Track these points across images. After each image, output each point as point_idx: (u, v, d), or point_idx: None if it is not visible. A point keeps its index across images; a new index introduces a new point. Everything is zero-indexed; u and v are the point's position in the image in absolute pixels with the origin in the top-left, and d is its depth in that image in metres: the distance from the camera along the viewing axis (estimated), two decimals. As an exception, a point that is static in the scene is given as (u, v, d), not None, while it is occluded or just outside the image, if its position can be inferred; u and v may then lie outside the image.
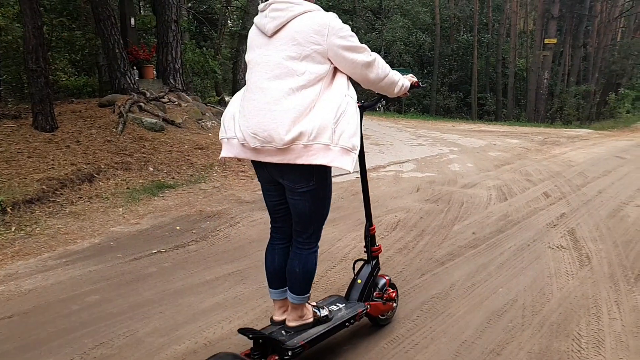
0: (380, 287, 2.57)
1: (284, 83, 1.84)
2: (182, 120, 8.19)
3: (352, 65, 1.93)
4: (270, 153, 1.87)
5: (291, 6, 1.86)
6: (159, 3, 9.70)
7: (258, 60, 1.93)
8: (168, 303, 2.95)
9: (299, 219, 2.08)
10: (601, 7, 24.66)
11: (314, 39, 1.84)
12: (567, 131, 16.08)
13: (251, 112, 1.88)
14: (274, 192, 2.13)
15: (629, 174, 7.38)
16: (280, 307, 2.23)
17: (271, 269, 2.23)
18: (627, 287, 3.19)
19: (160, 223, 4.61)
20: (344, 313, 2.30)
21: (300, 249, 2.13)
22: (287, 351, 1.97)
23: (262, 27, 1.92)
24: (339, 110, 1.84)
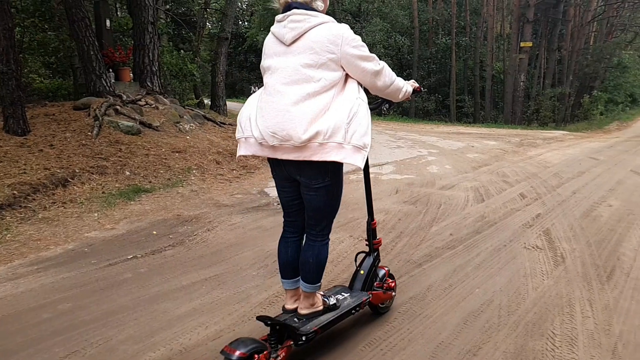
0: (380, 278, 2.76)
1: (301, 88, 1.99)
2: (160, 124, 8.09)
3: (363, 73, 2.10)
4: (287, 151, 2.02)
5: (308, 18, 2.02)
6: (135, 5, 9.58)
7: (277, 66, 2.08)
8: (143, 309, 2.90)
9: (313, 213, 2.24)
10: (574, 12, 25.21)
11: (329, 48, 2.00)
12: (543, 133, 16.39)
13: (270, 113, 2.03)
14: (289, 188, 2.28)
15: (601, 175, 7.54)
16: (292, 296, 2.39)
17: (284, 260, 2.38)
18: (600, 285, 3.25)
19: (137, 228, 4.54)
20: (349, 301, 2.48)
21: (313, 241, 2.29)
22: (301, 336, 2.15)
23: (281, 36, 2.07)
24: (351, 112, 2.00)
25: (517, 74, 22.16)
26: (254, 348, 1.98)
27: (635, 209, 5.34)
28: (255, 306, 2.94)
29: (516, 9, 22.69)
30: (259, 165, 7.88)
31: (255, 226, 4.61)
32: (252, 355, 1.96)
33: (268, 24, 31.46)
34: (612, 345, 2.49)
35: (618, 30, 28.72)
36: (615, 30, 28.46)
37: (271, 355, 2.07)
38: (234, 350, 1.93)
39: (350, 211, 5.18)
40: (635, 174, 7.65)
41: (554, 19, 24.35)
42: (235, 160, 7.77)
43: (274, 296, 3.08)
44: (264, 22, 32.44)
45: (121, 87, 9.01)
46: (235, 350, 1.93)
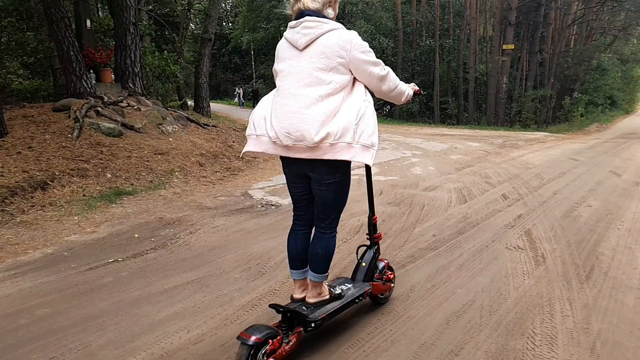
0: (380, 270, 2.91)
1: (313, 91, 2.13)
2: (142, 125, 8.01)
3: (370, 77, 2.25)
4: (300, 150, 2.16)
5: (320, 24, 2.15)
6: (116, 5, 9.47)
7: (290, 70, 2.21)
8: (124, 314, 2.86)
9: (323, 207, 2.38)
10: (555, 15, 25.63)
11: (339, 53, 2.14)
12: (525, 134, 16.61)
13: (284, 115, 2.16)
14: (300, 184, 2.42)
15: (582, 176, 7.67)
16: (300, 286, 2.53)
17: (294, 252, 2.51)
18: (579, 284, 3.30)
19: (118, 231, 4.47)
20: (353, 291, 2.64)
21: (322, 233, 2.43)
22: (310, 323, 2.30)
23: (294, 41, 2.19)
24: (359, 113, 2.15)
25: (500, 76, 22.44)
26: (268, 334, 2.10)
27: (613, 209, 5.43)
28: (237, 309, 2.91)
29: (498, 12, 22.98)
30: (243, 167, 7.85)
31: (238, 229, 4.58)
32: (267, 340, 2.09)
33: (252, 25, 31.50)
34: (590, 344, 2.52)
35: (597, 34, 29.29)
36: (595, 34, 29.03)
37: (283, 341, 2.19)
38: (250, 336, 2.05)
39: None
40: (614, 175, 7.79)
41: (535, 22, 24.72)
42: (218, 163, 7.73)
43: (257, 299, 3.06)
44: (248, 24, 32.46)
45: (102, 88, 8.89)
46: (251, 336, 2.05)
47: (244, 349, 2.04)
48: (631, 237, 4.39)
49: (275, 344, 2.12)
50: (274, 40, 31.25)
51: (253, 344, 2.04)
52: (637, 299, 3.10)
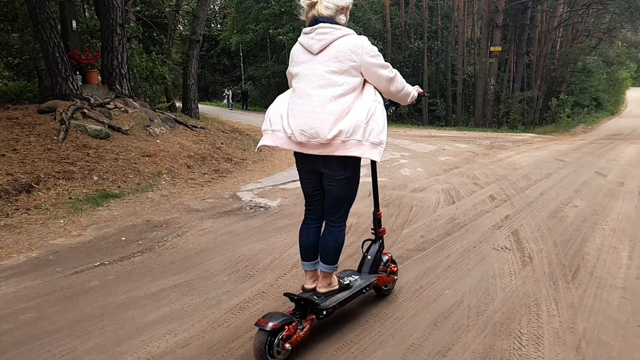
0: (384, 262, 3.06)
1: (327, 92, 2.29)
2: (129, 127, 7.94)
3: (379, 79, 2.41)
4: (313, 147, 2.30)
5: (333, 30, 2.32)
6: (102, 6, 9.38)
7: (305, 72, 2.37)
8: (110, 318, 2.83)
9: (334, 202, 2.53)
10: (541, 18, 25.91)
11: (351, 57, 2.30)
12: (512, 135, 16.75)
13: (300, 113, 2.31)
14: (312, 180, 2.57)
15: (568, 176, 7.75)
16: (311, 277, 2.67)
17: (305, 244, 2.66)
18: (565, 284, 3.33)
19: (105, 234, 4.43)
20: (360, 282, 2.79)
21: (332, 226, 2.58)
22: (322, 311, 2.46)
23: (309, 46, 2.36)
24: (369, 112, 2.30)
25: (488, 78, 22.62)
26: (284, 320, 2.28)
27: (599, 209, 5.50)
28: (225, 312, 2.90)
29: (486, 14, 23.17)
30: (231, 169, 7.82)
31: (226, 231, 4.56)
32: (283, 326, 2.25)
33: (241, 27, 31.40)
34: (576, 343, 2.54)
35: (583, 36, 29.64)
36: (580, 36, 29.38)
37: (298, 327, 2.35)
38: (267, 322, 2.22)
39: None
40: (600, 176, 7.89)
41: (522, 25, 24.95)
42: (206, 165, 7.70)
43: (245, 302, 3.05)
44: (237, 25, 32.35)
45: (89, 90, 8.81)
46: (268, 322, 2.21)
47: (262, 335, 2.20)
48: (616, 237, 4.44)
49: (291, 330, 2.29)
50: (262, 42, 31.29)
51: (270, 329, 2.20)
52: (622, 298, 3.13)
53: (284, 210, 5.38)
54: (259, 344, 2.19)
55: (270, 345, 2.22)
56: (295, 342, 2.33)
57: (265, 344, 2.19)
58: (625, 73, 41.05)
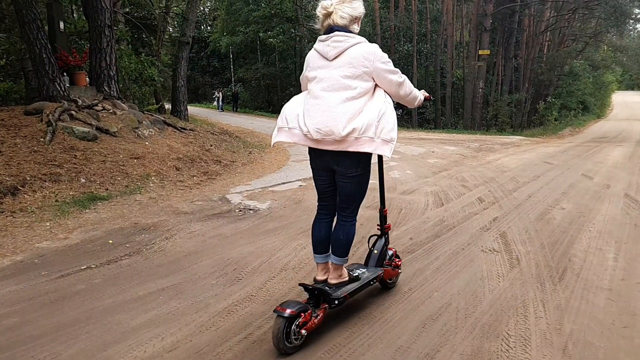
0: (389, 257, 3.24)
1: (341, 94, 2.46)
2: (117, 129, 7.88)
3: (390, 84, 2.57)
4: (328, 143, 2.47)
5: (347, 39, 2.50)
6: (91, 7, 9.31)
7: (321, 76, 2.53)
8: (96, 322, 2.80)
9: (346, 198, 2.70)
10: (529, 22, 26.19)
11: (363, 63, 2.48)
12: (501, 138, 16.88)
13: (316, 113, 2.48)
14: (325, 177, 2.73)
15: (555, 179, 7.82)
16: (322, 269, 2.83)
17: (317, 238, 2.80)
18: (552, 286, 3.35)
19: (92, 237, 4.38)
20: (368, 275, 2.96)
21: (344, 221, 2.75)
22: (334, 300, 2.64)
23: (325, 53, 2.54)
24: (380, 112, 2.46)
25: (476, 81, 22.79)
26: (300, 308, 2.44)
27: (585, 211, 5.55)
28: (213, 315, 2.88)
29: (474, 18, 23.35)
30: (221, 171, 7.79)
31: (215, 234, 4.53)
32: (299, 313, 2.42)
33: (231, 29, 31.31)
34: (563, 344, 2.56)
35: (569, 40, 30.01)
36: (567, 40, 29.74)
37: (313, 314, 2.53)
38: (285, 309, 2.39)
39: (313, 217, 5.16)
40: (586, 178, 7.97)
41: (510, 28, 25.18)
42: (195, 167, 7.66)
43: (233, 305, 3.03)
44: (227, 27, 32.26)
45: (76, 91, 8.73)
46: (286, 309, 2.39)
47: (280, 321, 2.37)
48: (602, 239, 4.49)
49: (307, 317, 2.47)
50: (252, 44, 31.25)
51: (288, 316, 2.37)
52: (607, 299, 3.16)
53: (273, 212, 5.36)
54: (277, 330, 2.36)
55: (288, 331, 2.39)
56: (310, 329, 2.50)
57: (283, 329, 2.36)
58: (611, 77, 41.63)
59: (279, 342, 2.37)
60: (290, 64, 31.12)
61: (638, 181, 7.73)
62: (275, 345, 2.39)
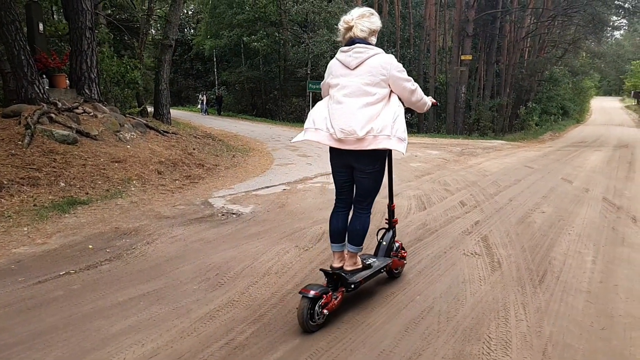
0: (396, 249, 3.54)
1: (361, 100, 2.78)
2: (98, 132, 7.77)
3: (404, 90, 2.89)
4: (349, 142, 2.78)
5: (367, 50, 2.81)
6: (71, 9, 9.17)
7: (343, 84, 2.84)
8: (74, 328, 2.74)
9: (362, 192, 3.00)
10: (510, 28, 26.58)
11: (381, 72, 2.79)
12: (482, 142, 17.07)
13: (340, 116, 2.79)
14: (344, 173, 3.03)
15: (536, 182, 7.94)
16: (338, 257, 3.11)
17: (335, 228, 3.09)
18: (533, 289, 3.39)
19: (71, 242, 4.31)
20: (378, 264, 3.25)
21: (360, 213, 3.05)
22: (351, 284, 2.93)
23: (347, 63, 2.84)
24: (394, 114, 2.80)
25: (459, 86, 23.03)
26: (322, 290, 2.75)
27: (565, 215, 5.64)
28: (195, 321, 2.85)
29: (456, 24, 23.63)
30: (203, 175, 7.73)
31: (197, 238, 4.49)
32: (322, 295, 2.72)
33: (214, 32, 31.14)
34: (542, 347, 2.59)
35: (549, 46, 30.55)
36: (547, 46, 30.27)
37: (333, 296, 2.81)
38: (309, 291, 2.68)
39: (297, 221, 5.16)
40: (566, 182, 8.10)
41: (491, 34, 25.54)
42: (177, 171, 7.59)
43: (215, 310, 3.00)
44: (211, 30, 32.10)
45: (56, 94, 8.59)
46: (310, 291, 2.68)
47: (305, 301, 2.64)
48: (581, 242, 4.57)
49: (328, 299, 2.76)
50: (236, 48, 31.12)
51: (312, 296, 2.66)
52: (586, 301, 3.21)
53: (256, 216, 5.34)
54: (302, 309, 2.63)
55: (312, 310, 2.66)
56: (331, 309, 2.79)
57: (308, 310, 2.63)
58: (589, 82, 42.44)
59: (305, 321, 2.64)
60: (275, 67, 31.08)
61: (616, 185, 7.89)
62: (301, 325, 2.66)
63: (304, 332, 2.69)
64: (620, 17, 29.61)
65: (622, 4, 26.34)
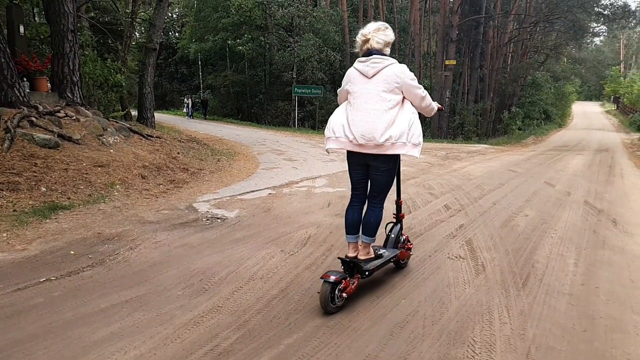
0: (402, 241, 3.82)
1: (379, 105, 3.07)
2: (81, 136, 7.67)
3: (415, 96, 3.19)
4: (369, 147, 3.09)
5: (383, 60, 3.12)
6: (53, 11, 9.05)
7: (362, 91, 3.14)
8: (55, 336, 2.69)
9: (377, 188, 3.30)
10: (493, 34, 26.96)
11: (396, 80, 3.09)
12: (467, 146, 17.24)
13: (359, 122, 3.09)
14: (360, 172, 3.33)
15: (519, 186, 8.03)
16: (353, 247, 3.38)
17: (350, 221, 3.38)
18: (516, 292, 3.43)
19: (52, 248, 4.23)
20: (388, 254, 3.55)
21: (374, 207, 3.34)
22: (365, 272, 3.23)
23: (365, 72, 3.14)
24: (410, 121, 3.10)
25: (443, 90, 23.25)
26: (342, 275, 3.04)
27: (547, 218, 5.71)
28: (178, 327, 2.81)
29: (441, 29, 23.89)
30: (188, 179, 7.67)
31: (181, 243, 4.45)
32: (341, 280, 3.00)
33: (199, 36, 31.00)
34: (526, 349, 2.62)
35: (532, 52, 31.04)
36: (529, 52, 30.76)
37: (350, 282, 3.10)
38: (330, 276, 2.97)
39: (282, 225, 5.15)
40: (549, 185, 8.22)
41: (475, 39, 25.86)
42: (161, 175, 7.52)
43: (200, 316, 2.97)
44: (195, 34, 31.95)
45: (37, 97, 8.46)
46: (330, 276, 2.97)
47: (326, 285, 2.92)
48: (563, 245, 4.63)
49: (347, 284, 3.05)
50: (221, 51, 31.02)
51: (333, 281, 2.94)
52: (568, 304, 3.25)
53: (241, 221, 5.31)
54: (324, 293, 2.91)
55: (332, 295, 2.93)
56: (349, 293, 3.08)
57: (329, 293, 2.91)
58: (571, 87, 43.20)
59: (326, 304, 2.92)
60: (260, 71, 31.04)
61: (597, 189, 8.02)
62: (323, 307, 2.94)
63: (325, 313, 2.97)
64: (600, 24, 30.20)
65: (602, 11, 26.88)
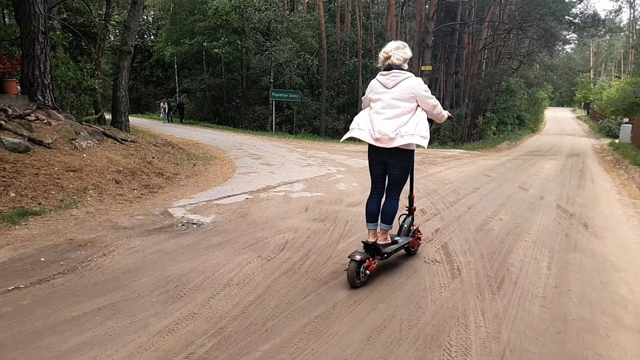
0: (413, 231, 4.32)
1: (394, 111, 3.62)
2: (52, 140, 7.48)
3: (427, 105, 3.71)
4: (384, 141, 3.58)
5: (402, 74, 3.68)
6: (22, 12, 8.81)
7: (382, 99, 3.68)
8: (23, 346, 2.61)
9: (394, 182, 3.79)
10: (468, 40, 27.42)
11: (411, 90, 3.64)
12: (442, 151, 17.46)
13: (378, 122, 3.63)
14: (379, 168, 3.84)
15: (494, 191, 8.16)
16: (372, 234, 3.84)
17: (371, 211, 3.87)
18: (491, 295, 3.47)
19: (21, 255, 4.10)
20: (402, 241, 4.08)
21: (391, 198, 3.83)
22: (384, 254, 3.79)
23: (386, 83, 3.69)
24: (417, 120, 3.61)
25: (420, 96, 23.45)
26: (366, 255, 3.59)
27: (521, 222, 5.82)
28: (153, 335, 2.76)
29: (417, 35, 24.17)
30: (163, 184, 7.56)
31: (155, 249, 4.37)
32: (365, 259, 3.56)
33: (175, 39, 30.64)
34: (501, 352, 2.65)
35: (506, 58, 31.65)
36: (503, 58, 31.35)
37: (372, 262, 3.65)
38: (356, 256, 3.51)
39: (259, 230, 5.11)
40: (522, 190, 8.37)
41: (450, 46, 26.26)
42: (136, 180, 7.39)
43: (174, 323, 2.92)
44: (172, 37, 31.57)
45: (6, 100, 8.21)
46: (356, 256, 3.51)
47: (353, 264, 3.47)
48: (537, 248, 4.72)
49: (369, 263, 3.61)
50: (198, 55, 30.70)
51: (359, 260, 3.49)
52: (542, 306, 3.31)
53: (218, 226, 5.25)
54: (352, 270, 3.46)
55: (358, 271, 3.48)
56: (372, 271, 3.65)
57: (355, 269, 3.45)
58: (543, 93, 44.23)
59: (353, 279, 3.45)
60: (237, 75, 30.83)
61: (568, 193, 8.21)
62: (350, 282, 3.48)
63: (351, 287, 3.48)
64: (571, 32, 31.07)
65: (573, 19, 27.64)
